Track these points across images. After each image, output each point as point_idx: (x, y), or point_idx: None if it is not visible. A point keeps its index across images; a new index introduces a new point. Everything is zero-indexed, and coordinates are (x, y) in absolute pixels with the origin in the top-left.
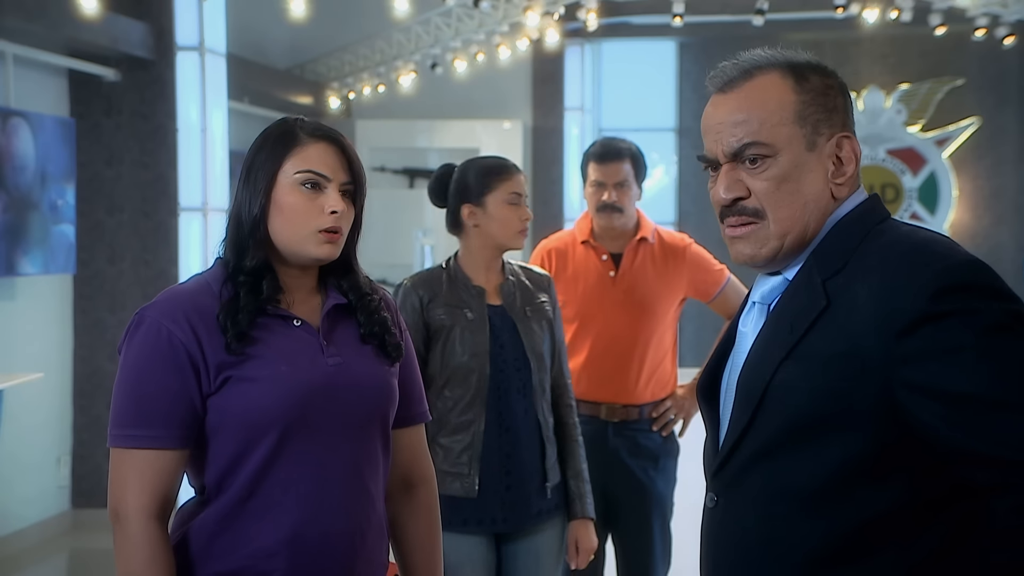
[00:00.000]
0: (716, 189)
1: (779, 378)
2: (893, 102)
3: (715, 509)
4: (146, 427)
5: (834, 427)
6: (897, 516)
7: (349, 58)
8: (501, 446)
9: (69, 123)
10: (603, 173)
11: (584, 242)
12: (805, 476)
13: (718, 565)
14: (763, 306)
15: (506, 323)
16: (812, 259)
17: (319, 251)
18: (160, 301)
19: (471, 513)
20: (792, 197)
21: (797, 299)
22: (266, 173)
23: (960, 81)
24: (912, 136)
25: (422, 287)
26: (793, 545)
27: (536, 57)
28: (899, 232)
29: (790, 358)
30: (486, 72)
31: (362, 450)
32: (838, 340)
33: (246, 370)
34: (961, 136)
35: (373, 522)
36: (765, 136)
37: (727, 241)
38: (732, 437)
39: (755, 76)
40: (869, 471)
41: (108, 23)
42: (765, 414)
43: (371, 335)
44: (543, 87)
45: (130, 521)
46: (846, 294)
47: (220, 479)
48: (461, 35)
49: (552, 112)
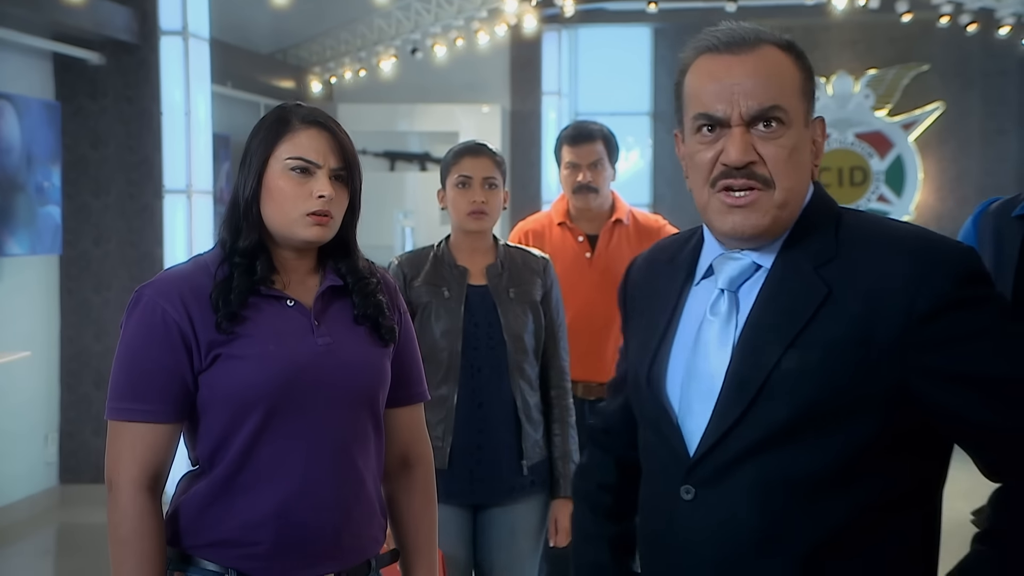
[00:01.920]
0: (727, 151)
1: (784, 367)
2: (861, 87)
3: (692, 503)
4: (140, 401)
5: (842, 415)
6: (899, 501)
7: (331, 43)
8: (474, 421)
9: (54, 106)
10: (577, 154)
11: (560, 224)
12: (809, 465)
13: (702, 559)
14: (731, 293)
15: (486, 303)
16: (790, 244)
17: (308, 233)
18: (158, 280)
19: (442, 484)
20: (797, 169)
21: (788, 286)
22: (259, 158)
23: (925, 67)
24: (879, 120)
25: (407, 265)
26: (794, 536)
27: (514, 42)
28: (875, 221)
29: (795, 346)
30: (465, 57)
31: (351, 428)
32: (847, 328)
33: (235, 348)
34: (927, 120)
35: (362, 498)
36: (786, 102)
37: (720, 211)
38: (719, 428)
39: (761, 45)
40: (874, 458)
41: (92, 7)
42: (766, 403)
43: (364, 316)
44: (521, 72)
45: (122, 491)
46: (848, 282)
47: (212, 453)
48: (441, 20)
49: (530, 96)
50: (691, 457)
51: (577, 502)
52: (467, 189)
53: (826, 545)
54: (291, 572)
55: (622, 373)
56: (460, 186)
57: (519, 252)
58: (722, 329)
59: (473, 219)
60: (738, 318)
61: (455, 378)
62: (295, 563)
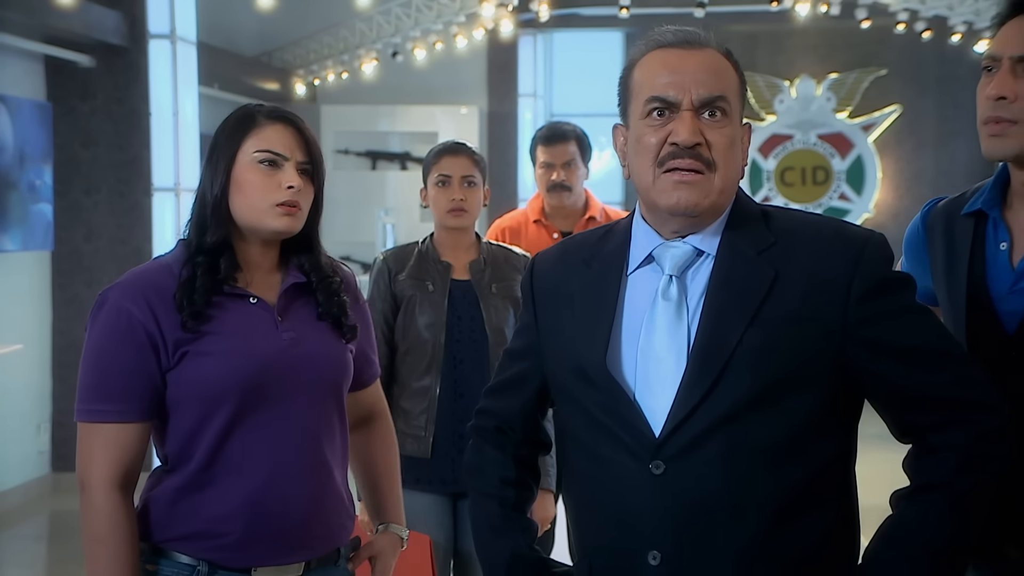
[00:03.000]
0: (676, 130)
1: (746, 344)
2: (823, 90)
3: (661, 477)
4: (110, 402)
5: (798, 385)
6: (844, 462)
7: (314, 46)
8: (455, 412)
9: (46, 107)
10: (551, 154)
11: (536, 221)
12: (770, 434)
13: (676, 526)
14: (678, 278)
15: (469, 297)
16: (730, 233)
17: (278, 223)
18: (121, 283)
19: (424, 472)
20: (735, 159)
21: (739, 270)
22: (226, 154)
23: (884, 71)
24: (840, 122)
25: (393, 260)
26: (761, 499)
27: (491, 46)
28: (795, 213)
29: (753, 325)
30: (444, 60)
31: (318, 420)
32: (796, 306)
33: (201, 345)
34: (885, 122)
35: (330, 488)
36: (729, 96)
37: (666, 188)
38: (686, 405)
39: (708, 46)
40: (822, 424)
41: (83, 11)
42: (730, 379)
43: (328, 314)
44: (498, 74)
45: (95, 490)
46: (790, 266)
47: (181, 449)
48: (420, 25)
49: (507, 98)
50: (658, 434)
51: (480, 500)
52: (447, 187)
53: (788, 505)
54: (262, 562)
55: (516, 372)
56: (440, 184)
57: (501, 249)
58: (675, 312)
59: (453, 216)
60: (688, 302)
61: (438, 369)
62: (266, 553)
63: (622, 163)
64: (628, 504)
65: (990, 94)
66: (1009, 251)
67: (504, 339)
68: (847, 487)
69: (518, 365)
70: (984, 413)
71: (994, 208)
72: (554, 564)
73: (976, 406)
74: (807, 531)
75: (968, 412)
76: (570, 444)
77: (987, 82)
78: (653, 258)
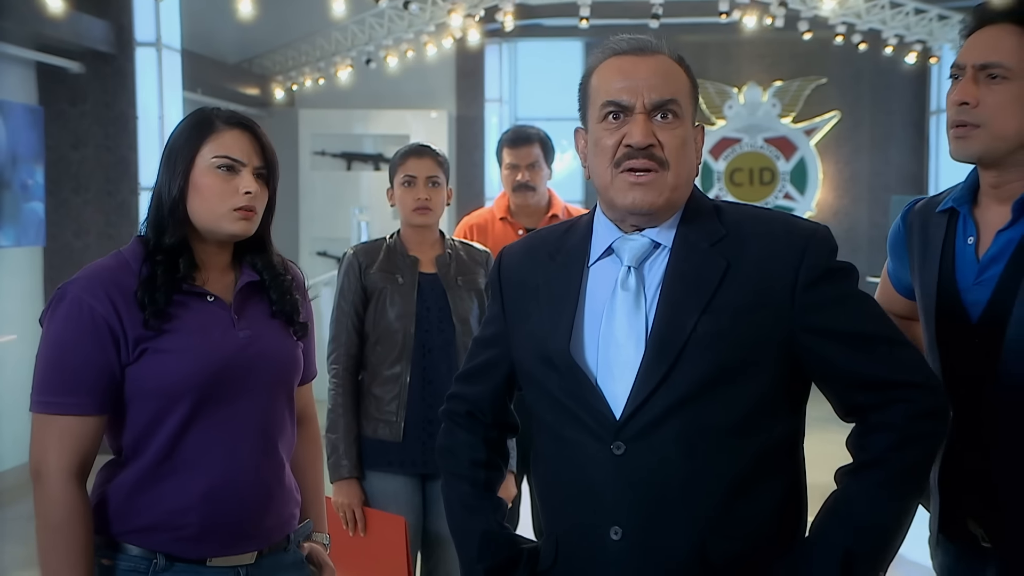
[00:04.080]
0: (630, 132)
1: (700, 330)
2: (769, 97)
3: (622, 457)
4: (68, 395)
5: (749, 368)
6: (791, 440)
7: (292, 53)
8: (424, 397)
9: (37, 111)
10: (516, 156)
11: (502, 218)
12: (724, 415)
13: (638, 503)
14: (636, 269)
15: (436, 289)
16: (685, 227)
17: (234, 227)
18: (81, 278)
19: (396, 455)
20: (687, 158)
21: (693, 261)
22: (185, 158)
23: (824, 80)
24: (785, 126)
25: (362, 255)
26: (716, 475)
27: (459, 54)
28: (746, 208)
29: (707, 312)
30: (415, 67)
31: (271, 415)
32: (747, 295)
33: (161, 343)
34: (825, 127)
35: (282, 479)
36: (680, 99)
37: (622, 187)
38: (644, 388)
39: (661, 53)
40: (771, 405)
41: (73, 20)
42: (686, 364)
43: (281, 312)
44: (466, 80)
45: (51, 480)
46: (741, 257)
47: (136, 442)
48: (393, 34)
49: (474, 103)
50: (619, 417)
51: (452, 480)
52: (412, 187)
53: (740, 481)
54: (217, 552)
55: (485, 360)
56: (406, 184)
57: (463, 245)
58: (634, 301)
59: (418, 214)
60: (646, 291)
61: (408, 358)
62: (221, 544)
63: (583, 164)
64: (591, 482)
65: (955, 99)
66: (976, 245)
67: (470, 329)
68: (795, 464)
69: (487, 353)
70: (921, 393)
71: (964, 205)
72: (522, 540)
73: (913, 387)
74: (758, 505)
75: (906, 392)
76: (536, 427)
77: (953, 89)
78: (613, 251)
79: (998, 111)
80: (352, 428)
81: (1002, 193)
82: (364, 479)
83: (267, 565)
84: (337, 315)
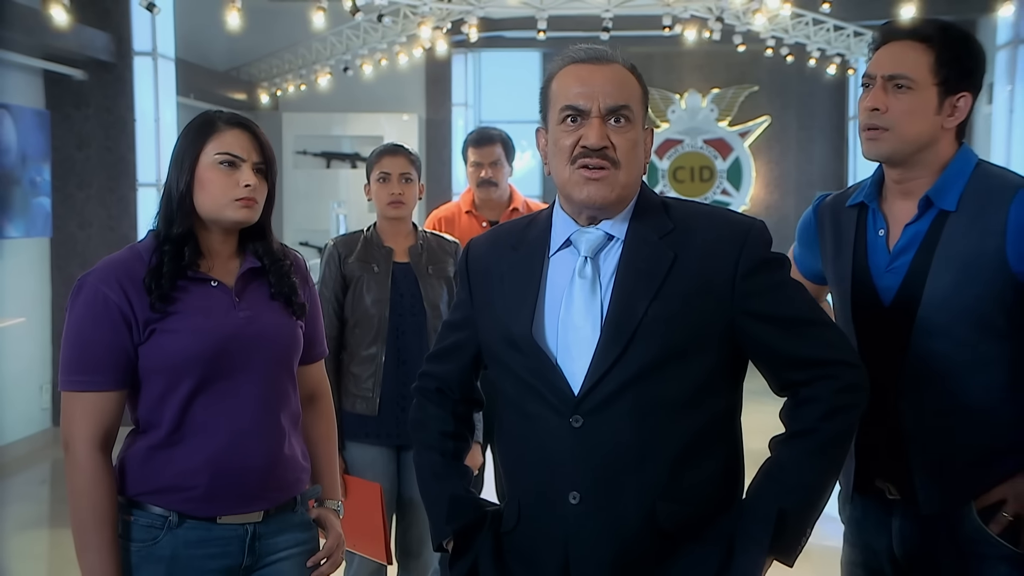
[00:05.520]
0: (586, 134)
1: (651, 315)
2: (707, 102)
3: (580, 430)
4: (89, 374)
5: (694, 349)
6: (729, 414)
7: (276, 62)
8: (398, 375)
9: (45, 114)
10: (480, 155)
11: (468, 212)
12: (672, 391)
13: (595, 471)
14: (592, 259)
15: (408, 277)
16: (636, 221)
17: (237, 215)
18: (97, 269)
19: (372, 428)
20: (637, 158)
21: (643, 253)
22: (191, 156)
23: (756, 88)
24: (722, 129)
25: (342, 245)
26: (665, 445)
27: (429, 62)
28: (690, 204)
29: (657, 299)
30: (388, 74)
31: (272, 388)
32: (693, 283)
33: (168, 324)
34: (757, 130)
35: (284, 445)
36: (632, 105)
37: (578, 183)
38: (600, 367)
39: (615, 62)
40: (714, 382)
41: (77, 32)
42: (638, 345)
43: (280, 294)
44: (434, 87)
45: (78, 450)
46: (687, 248)
47: (151, 413)
48: (368, 44)
49: (442, 107)
50: (577, 393)
51: (423, 450)
52: (386, 183)
53: (686, 450)
54: (225, 511)
55: (453, 341)
56: (381, 181)
57: (434, 237)
58: (590, 288)
59: (392, 208)
60: (601, 279)
61: (383, 339)
62: (229, 503)
63: (544, 161)
64: (551, 452)
65: (866, 106)
66: (886, 236)
67: (440, 313)
68: (734, 434)
69: (455, 335)
70: (845, 369)
71: (873, 200)
72: (487, 503)
73: (838, 364)
74: (702, 471)
75: (832, 369)
76: (501, 402)
77: (865, 96)
78: (571, 242)
79: (904, 116)
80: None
81: (906, 189)
82: (344, 449)
83: (274, 523)
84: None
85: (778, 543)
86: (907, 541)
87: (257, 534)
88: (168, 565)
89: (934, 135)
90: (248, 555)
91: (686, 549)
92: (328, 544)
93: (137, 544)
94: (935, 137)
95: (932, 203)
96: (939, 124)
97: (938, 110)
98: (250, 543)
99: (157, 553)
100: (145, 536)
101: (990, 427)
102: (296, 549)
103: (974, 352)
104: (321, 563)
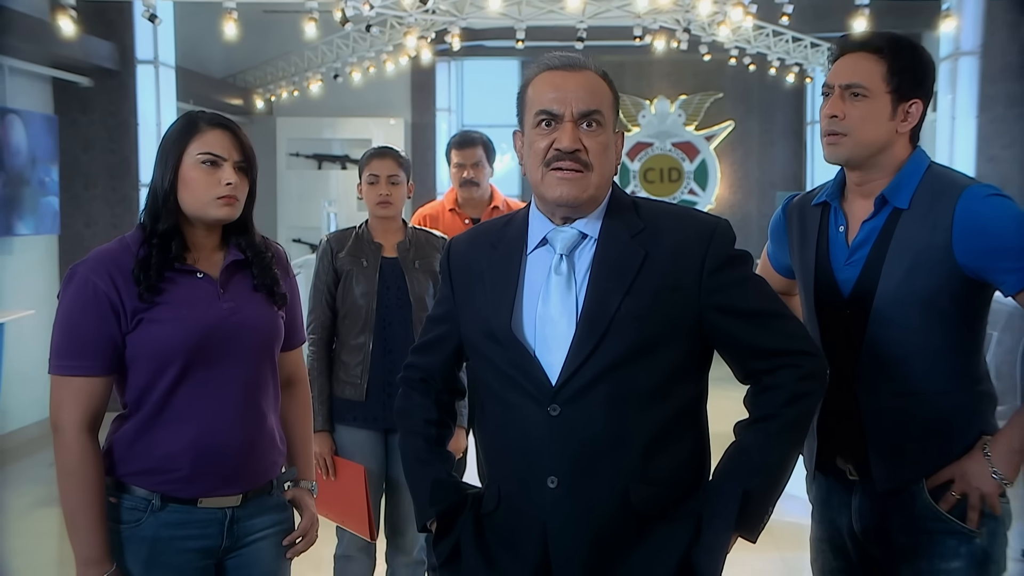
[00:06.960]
0: (559, 138)
1: (623, 309)
2: (675, 108)
3: (558, 418)
4: (78, 359)
5: (665, 342)
6: (696, 403)
7: (271, 69)
8: (385, 364)
9: (53, 119)
10: (462, 156)
11: (451, 209)
12: (644, 381)
13: (571, 456)
14: (567, 257)
15: (395, 271)
16: (608, 220)
17: (219, 212)
18: (88, 259)
19: (360, 412)
20: (608, 161)
21: (615, 251)
22: (174, 155)
23: (720, 94)
24: (689, 133)
25: (335, 241)
26: (635, 434)
27: (414, 70)
28: (659, 204)
29: (629, 294)
30: (376, 81)
31: (253, 376)
32: (663, 279)
33: (155, 313)
34: (722, 134)
35: (264, 431)
36: (604, 110)
37: (552, 183)
38: (576, 359)
39: (587, 69)
40: (683, 372)
41: (83, 42)
42: (612, 337)
43: (262, 285)
44: (420, 93)
45: (66, 432)
46: (657, 246)
47: (137, 398)
48: (357, 52)
49: (427, 112)
50: (554, 383)
51: (408, 436)
52: (376, 184)
53: (657, 436)
54: (207, 493)
55: (437, 334)
56: (371, 182)
57: (423, 233)
58: (566, 284)
59: (380, 208)
60: (576, 276)
61: (370, 330)
62: (209, 485)
63: (520, 162)
64: (530, 439)
65: (826, 113)
66: (846, 232)
67: (425, 306)
68: (701, 420)
69: (438, 328)
70: (805, 359)
71: (835, 199)
72: (468, 487)
73: (799, 354)
74: (671, 456)
75: (793, 358)
76: (482, 392)
77: (825, 104)
78: (547, 241)
79: (860, 122)
80: (324, 388)
81: (865, 189)
82: (334, 432)
83: (252, 506)
84: (313, 292)
85: (743, 521)
86: (864, 517)
87: (235, 517)
88: (150, 545)
89: (889, 139)
90: (227, 537)
91: (657, 528)
92: (303, 524)
93: (122, 525)
94: (890, 141)
95: (887, 201)
96: (893, 129)
97: (892, 116)
98: (228, 526)
99: (140, 534)
100: (130, 518)
101: (940, 411)
102: (272, 529)
103: (925, 340)
104: (296, 541)
